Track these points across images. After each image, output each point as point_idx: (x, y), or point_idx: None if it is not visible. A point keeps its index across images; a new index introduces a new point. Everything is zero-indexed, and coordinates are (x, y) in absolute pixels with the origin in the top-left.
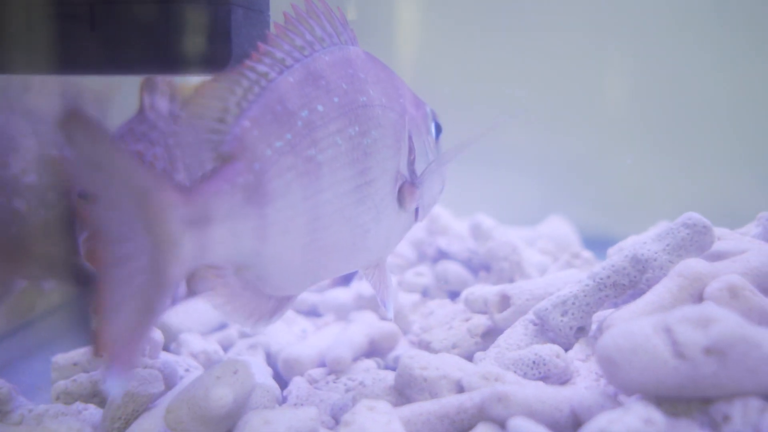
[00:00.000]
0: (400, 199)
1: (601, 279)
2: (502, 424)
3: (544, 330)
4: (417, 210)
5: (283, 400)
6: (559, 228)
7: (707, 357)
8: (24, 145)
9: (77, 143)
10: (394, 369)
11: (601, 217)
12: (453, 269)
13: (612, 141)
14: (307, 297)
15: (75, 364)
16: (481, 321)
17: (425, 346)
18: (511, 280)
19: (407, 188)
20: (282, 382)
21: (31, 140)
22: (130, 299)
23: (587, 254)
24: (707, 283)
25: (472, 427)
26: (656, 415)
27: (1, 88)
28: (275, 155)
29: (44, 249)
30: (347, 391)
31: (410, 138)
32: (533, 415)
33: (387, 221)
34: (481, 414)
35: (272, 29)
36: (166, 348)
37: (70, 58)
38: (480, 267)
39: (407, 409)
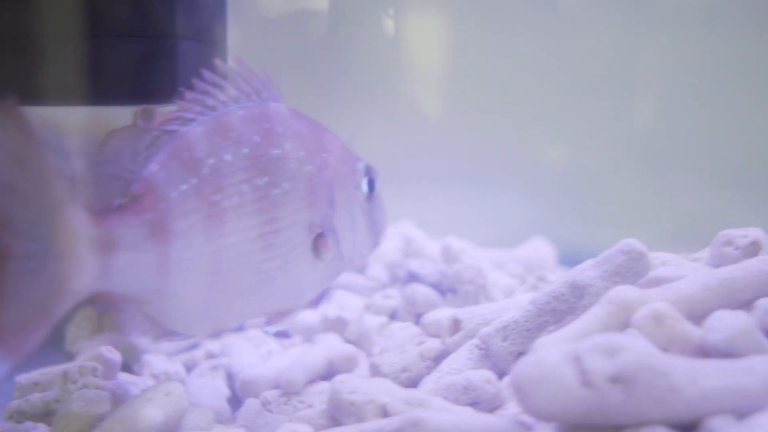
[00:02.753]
0: (315, 249)
1: (541, 305)
2: None
3: (488, 355)
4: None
5: (231, 422)
6: (538, 250)
7: (613, 386)
8: None
9: (7, 133)
10: None
11: (590, 239)
12: (421, 292)
13: (603, 160)
14: None
15: (35, 384)
16: (434, 345)
17: (375, 369)
18: (477, 303)
19: (320, 240)
20: (236, 403)
21: None
22: (26, 295)
23: (554, 277)
24: (636, 311)
25: None
26: None
27: None
28: (180, 197)
29: None
30: (296, 412)
31: (332, 191)
32: None
33: (297, 270)
34: None
35: (230, 60)
36: (128, 368)
37: (29, 91)
38: (449, 290)
39: None
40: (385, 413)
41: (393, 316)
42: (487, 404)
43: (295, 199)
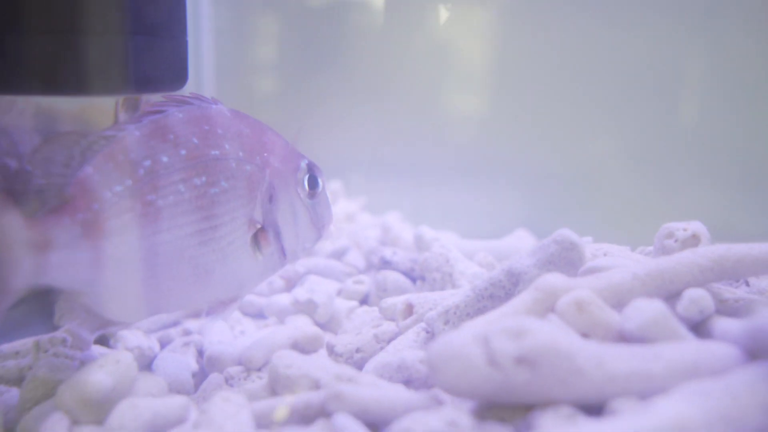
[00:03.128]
0: (256, 243)
1: (480, 290)
2: None
3: (433, 338)
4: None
5: (190, 393)
6: (518, 241)
7: (518, 366)
8: None
9: None
10: None
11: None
12: (392, 278)
13: (593, 152)
14: (255, 300)
15: (17, 353)
16: (389, 328)
17: (330, 348)
18: (443, 290)
19: (260, 234)
20: (202, 376)
21: None
22: None
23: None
24: (561, 297)
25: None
26: (462, 418)
27: None
28: (114, 198)
29: None
30: (245, 389)
31: (272, 189)
32: (367, 413)
33: (237, 263)
34: (322, 410)
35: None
36: (105, 342)
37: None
38: (419, 277)
39: (264, 403)
40: (317, 387)
41: (364, 301)
42: (420, 383)
43: (233, 197)
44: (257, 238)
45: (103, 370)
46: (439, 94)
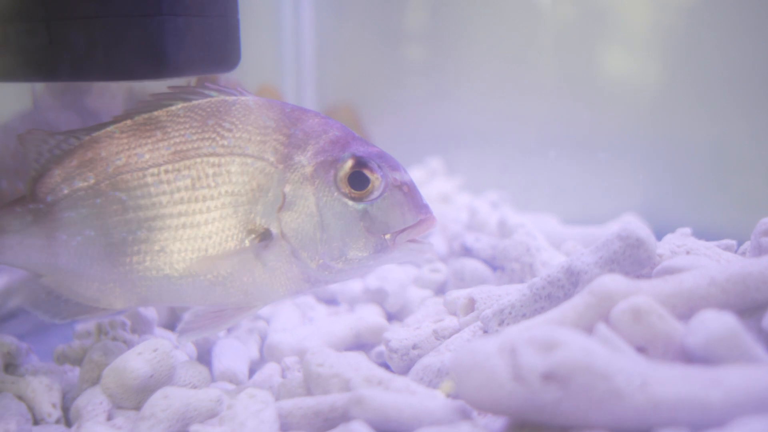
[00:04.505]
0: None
1: (537, 290)
2: None
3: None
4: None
5: (241, 383)
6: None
7: (546, 384)
8: None
9: None
10: (376, 363)
11: (698, 220)
12: (471, 266)
13: (724, 134)
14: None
15: (89, 333)
16: (451, 323)
17: (386, 343)
18: (522, 282)
19: (269, 241)
20: (260, 364)
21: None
22: None
23: None
24: (618, 304)
25: (337, 426)
26: None
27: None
28: (72, 192)
29: None
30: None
31: (288, 188)
32: (388, 422)
33: (231, 269)
34: (345, 415)
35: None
36: (171, 327)
37: (34, 67)
38: (501, 267)
39: (290, 402)
40: (348, 388)
41: (441, 290)
42: None
43: (224, 196)
44: (266, 245)
45: (141, 358)
46: (551, 69)
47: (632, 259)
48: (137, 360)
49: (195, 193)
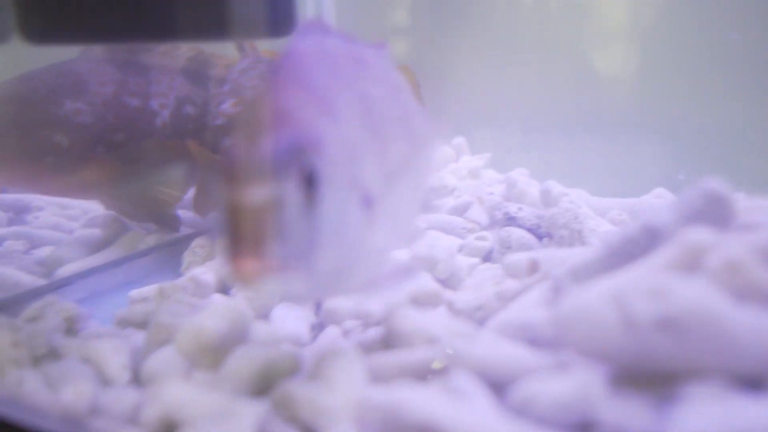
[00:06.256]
0: None
1: (614, 247)
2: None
3: (560, 297)
4: None
5: (305, 345)
6: (658, 201)
7: (659, 331)
8: (94, 91)
9: None
10: None
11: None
12: (516, 234)
13: (749, 110)
14: None
15: (145, 298)
16: (512, 286)
17: (450, 305)
18: (571, 248)
19: None
20: (320, 328)
21: (108, 88)
22: None
23: None
24: (708, 255)
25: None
26: (595, 385)
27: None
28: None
29: (153, 195)
30: (359, 342)
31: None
32: (484, 374)
33: None
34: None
35: None
36: (225, 291)
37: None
38: (546, 234)
39: (378, 357)
40: (434, 344)
41: (487, 258)
42: (545, 344)
43: None
44: None
45: (217, 317)
46: (571, 46)
47: (714, 217)
48: (214, 319)
49: None
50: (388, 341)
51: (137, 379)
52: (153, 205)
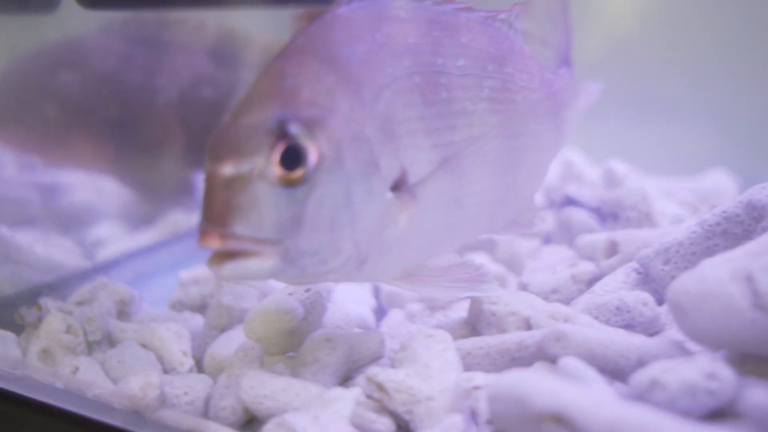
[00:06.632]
0: None
1: (710, 226)
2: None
3: (647, 279)
4: None
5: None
6: (717, 182)
7: None
8: (93, 65)
9: None
10: None
11: None
12: (577, 216)
13: None
14: None
15: (196, 280)
16: (587, 268)
17: (523, 288)
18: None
19: None
20: (382, 312)
21: (109, 62)
22: None
23: None
24: None
25: (530, 365)
26: (723, 371)
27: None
28: None
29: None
30: (436, 326)
31: None
32: (593, 358)
33: None
34: (540, 352)
35: None
36: None
37: None
38: (609, 216)
39: (469, 342)
40: (527, 327)
41: (547, 240)
42: (643, 328)
43: None
44: None
45: (293, 299)
46: (621, 25)
47: None
48: (290, 301)
49: None
50: (475, 324)
51: (199, 366)
52: (159, 182)
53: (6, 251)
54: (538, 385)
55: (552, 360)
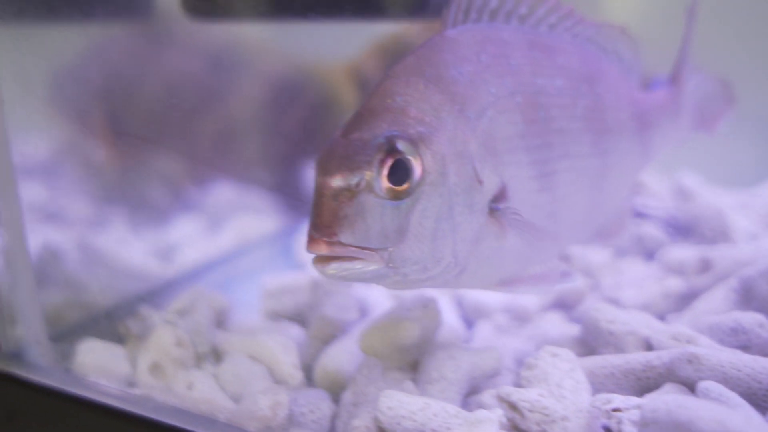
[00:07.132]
0: None
1: None
2: (691, 386)
3: (747, 299)
4: None
5: (467, 341)
6: None
7: None
8: None
9: None
10: (578, 323)
11: None
12: (648, 231)
13: None
14: None
15: (283, 289)
16: (677, 283)
17: (613, 303)
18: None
19: None
20: (467, 324)
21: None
22: None
23: None
24: None
25: (657, 386)
26: None
27: None
28: None
29: None
30: (529, 339)
31: None
32: (726, 381)
33: None
34: (669, 374)
35: None
36: None
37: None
38: (679, 230)
39: (590, 361)
40: (646, 346)
41: (620, 253)
42: (758, 349)
43: None
44: None
45: (411, 315)
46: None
47: None
48: (409, 316)
49: None
50: (590, 342)
51: (309, 379)
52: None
53: (98, 258)
54: (702, 413)
55: (682, 382)
